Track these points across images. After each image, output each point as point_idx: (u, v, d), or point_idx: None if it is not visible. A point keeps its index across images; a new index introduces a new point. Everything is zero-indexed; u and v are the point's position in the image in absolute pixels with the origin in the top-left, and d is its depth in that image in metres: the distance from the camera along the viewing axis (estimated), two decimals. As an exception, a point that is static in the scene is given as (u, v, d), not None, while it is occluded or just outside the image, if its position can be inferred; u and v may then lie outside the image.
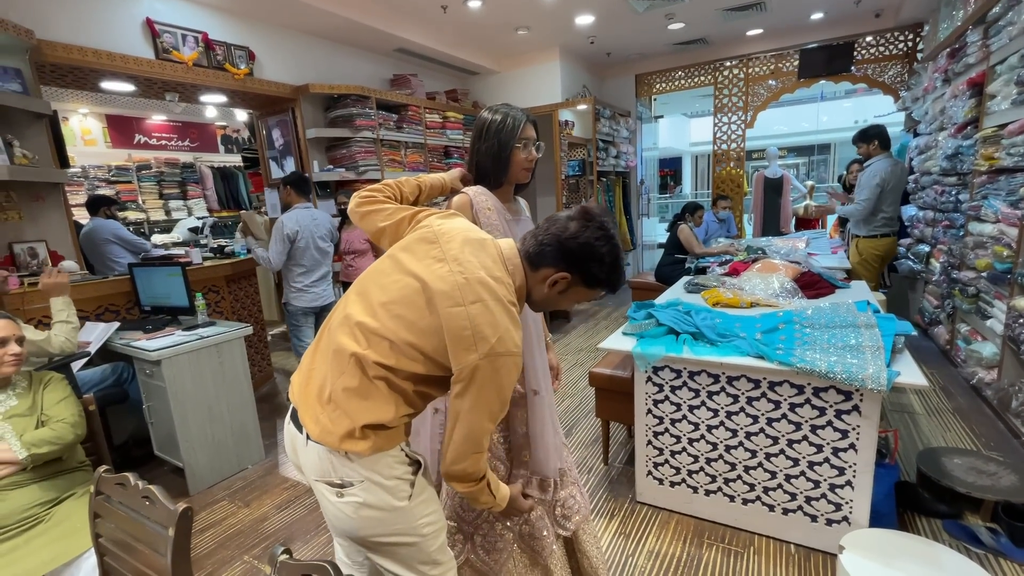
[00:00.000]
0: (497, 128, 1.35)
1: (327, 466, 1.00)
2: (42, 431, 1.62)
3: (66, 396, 1.75)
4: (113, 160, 6.32)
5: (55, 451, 1.61)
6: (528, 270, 1.04)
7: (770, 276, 2.75)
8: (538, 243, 1.02)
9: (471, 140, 1.42)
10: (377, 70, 5.10)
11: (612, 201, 6.59)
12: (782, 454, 1.83)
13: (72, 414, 1.70)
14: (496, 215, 1.35)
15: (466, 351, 0.93)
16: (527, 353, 1.37)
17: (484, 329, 0.93)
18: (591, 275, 1.02)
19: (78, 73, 3.13)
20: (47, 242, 2.81)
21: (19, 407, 1.64)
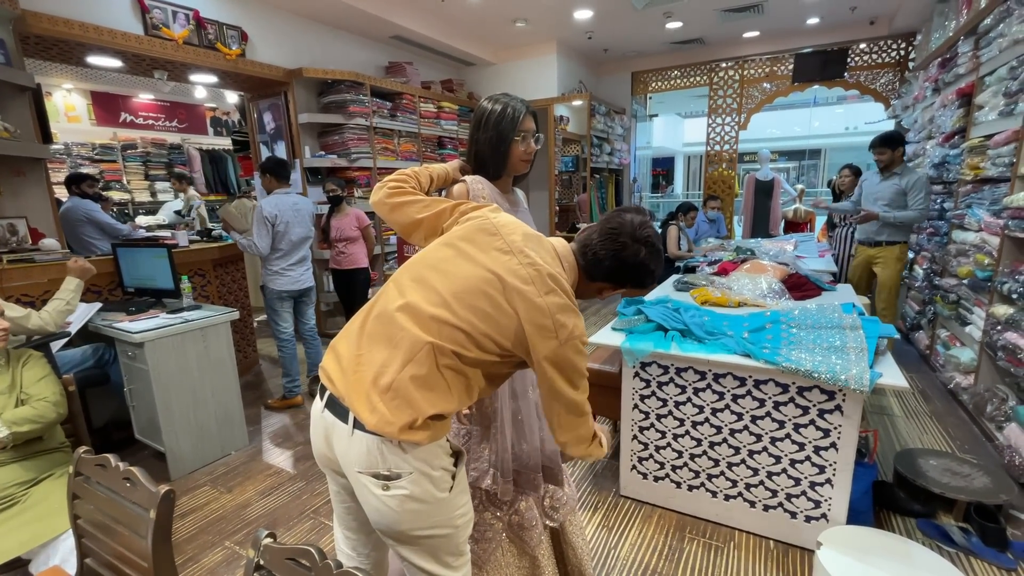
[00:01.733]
0: (497, 119, 1.33)
1: (375, 457, 0.97)
2: (23, 409, 1.58)
3: (46, 374, 1.72)
4: (97, 138, 6.18)
5: (36, 430, 1.58)
6: (582, 275, 1.12)
7: (758, 277, 2.78)
8: (596, 257, 1.09)
9: (470, 129, 1.41)
10: (372, 57, 5.03)
11: (604, 198, 6.61)
12: (765, 451, 1.86)
13: (54, 393, 1.67)
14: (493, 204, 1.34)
15: (548, 339, 0.99)
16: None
17: (562, 317, 0.99)
18: (636, 284, 1.13)
19: (64, 46, 3.05)
20: (28, 219, 2.74)
21: None
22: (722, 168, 6.48)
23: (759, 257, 3.43)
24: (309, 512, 2.22)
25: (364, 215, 3.71)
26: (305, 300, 3.36)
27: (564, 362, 1.01)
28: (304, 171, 4.26)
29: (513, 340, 1.00)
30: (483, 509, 1.40)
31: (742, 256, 3.52)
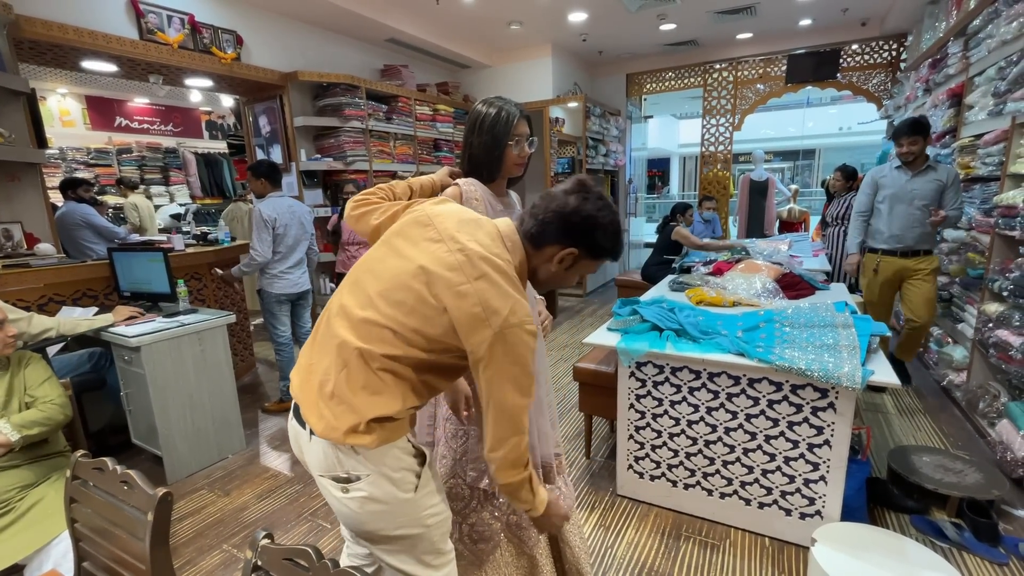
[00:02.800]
0: (491, 123, 1.34)
1: (332, 461, 0.98)
2: (31, 412, 1.58)
3: (49, 376, 1.72)
4: (92, 143, 6.17)
5: (44, 432, 1.59)
6: (530, 250, 1.02)
7: (753, 276, 2.80)
8: (539, 222, 1.00)
9: (464, 133, 1.42)
10: (368, 60, 5.05)
11: (600, 199, 6.62)
12: (759, 449, 1.88)
13: (60, 395, 1.68)
14: (483, 206, 1.35)
15: (480, 328, 0.91)
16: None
17: (494, 302, 0.91)
18: (597, 246, 1.01)
19: (58, 51, 3.05)
20: (23, 224, 2.74)
21: (0, 389, 1.60)
22: (717, 169, 6.51)
23: (753, 257, 3.45)
24: (307, 514, 2.22)
25: None
26: (302, 303, 3.36)
27: (501, 355, 0.91)
28: (300, 174, 4.26)
29: (443, 334, 0.94)
30: (481, 509, 1.41)
31: (737, 256, 3.55)
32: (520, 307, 0.93)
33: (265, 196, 3.12)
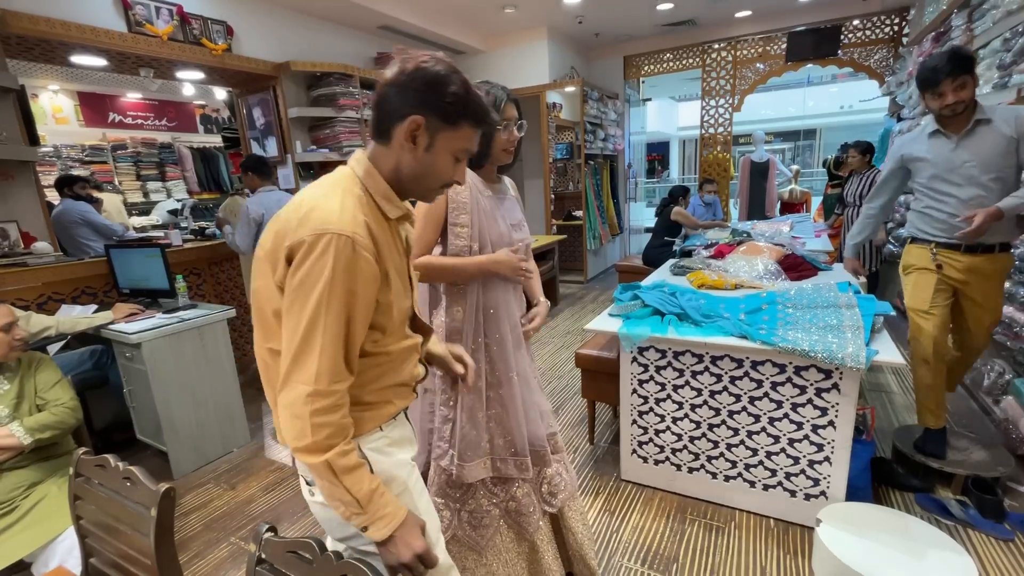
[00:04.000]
0: None
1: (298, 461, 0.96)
2: (43, 416, 1.58)
3: (59, 379, 1.72)
4: (87, 139, 6.11)
5: (56, 436, 1.60)
6: (382, 150, 0.88)
7: (754, 258, 2.77)
8: (374, 111, 0.87)
9: None
10: (361, 48, 4.97)
11: (600, 185, 6.58)
12: (764, 432, 1.87)
13: (70, 397, 1.68)
14: (468, 193, 1.33)
15: (288, 241, 0.80)
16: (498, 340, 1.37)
17: (304, 208, 0.81)
18: (446, 106, 0.84)
19: (46, 46, 3.00)
20: (18, 223, 2.72)
21: (10, 392, 1.60)
22: (717, 151, 6.44)
23: (755, 239, 3.42)
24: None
25: None
26: None
27: (309, 261, 0.78)
28: (296, 166, 4.22)
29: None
30: (480, 496, 1.41)
31: (738, 238, 3.52)
32: (336, 208, 0.81)
33: (256, 190, 3.14)
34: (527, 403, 1.44)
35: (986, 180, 1.87)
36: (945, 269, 2.02)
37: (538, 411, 1.47)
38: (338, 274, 0.80)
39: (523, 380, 1.43)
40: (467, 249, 1.34)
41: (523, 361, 1.44)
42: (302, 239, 0.79)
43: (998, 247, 1.95)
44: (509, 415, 1.40)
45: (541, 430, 1.48)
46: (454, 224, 1.34)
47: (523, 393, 1.42)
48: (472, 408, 1.36)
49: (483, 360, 1.38)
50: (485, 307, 1.38)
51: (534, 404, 1.46)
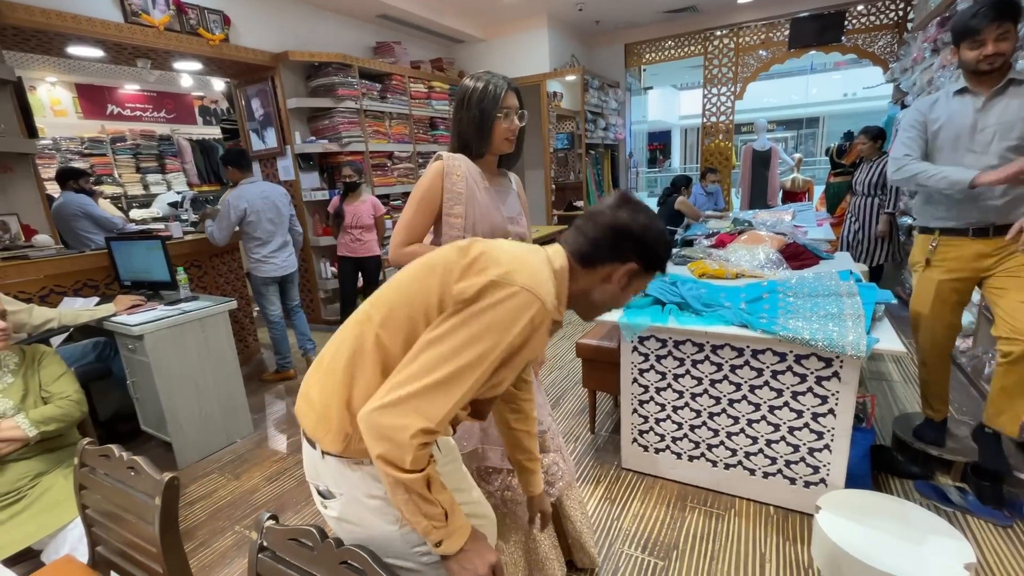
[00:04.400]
0: (479, 97, 1.33)
1: (313, 467, 0.95)
2: (48, 408, 1.59)
3: (64, 371, 1.72)
4: (86, 132, 6.09)
5: (61, 428, 1.61)
6: (580, 271, 0.94)
7: (756, 248, 2.76)
8: (590, 240, 0.92)
9: (453, 109, 1.40)
10: (360, 37, 4.93)
11: (600, 175, 6.55)
12: (764, 420, 1.88)
13: (75, 390, 1.68)
14: (464, 183, 1.32)
15: (470, 276, 0.81)
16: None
17: (499, 256, 0.84)
18: (655, 258, 0.94)
19: (42, 37, 2.98)
20: (19, 215, 2.72)
21: (16, 385, 1.61)
22: (719, 140, 6.40)
23: (756, 228, 3.41)
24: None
25: (380, 203, 3.74)
26: (289, 282, 3.49)
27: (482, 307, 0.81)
28: (296, 157, 4.21)
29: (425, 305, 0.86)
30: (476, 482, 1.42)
31: (740, 228, 3.51)
32: (536, 273, 0.84)
33: (238, 183, 3.19)
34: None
35: (1002, 149, 1.70)
36: (940, 263, 1.89)
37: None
38: (519, 338, 0.81)
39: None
40: (460, 239, 1.34)
41: None
42: (510, 283, 0.81)
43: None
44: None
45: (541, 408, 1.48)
46: (448, 214, 1.34)
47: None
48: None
49: None
50: None
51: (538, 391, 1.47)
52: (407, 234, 1.35)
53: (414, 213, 1.35)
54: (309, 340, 3.68)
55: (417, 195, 1.34)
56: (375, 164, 4.61)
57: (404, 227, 1.36)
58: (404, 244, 1.35)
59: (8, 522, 1.45)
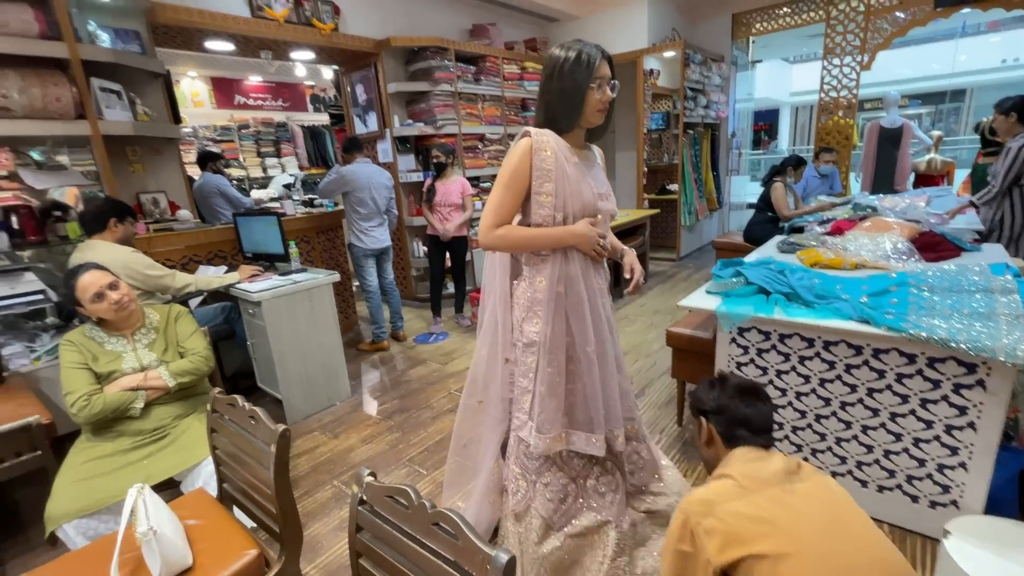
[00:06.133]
0: (571, 67, 1.27)
1: None
2: (183, 362, 1.83)
3: (196, 329, 1.96)
4: (218, 120, 6.83)
5: (193, 380, 1.84)
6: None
7: (881, 236, 2.45)
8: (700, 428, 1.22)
9: (541, 82, 1.35)
10: (456, 20, 5.01)
11: (699, 156, 6.17)
12: (882, 428, 1.68)
13: (205, 347, 1.91)
14: (554, 158, 1.28)
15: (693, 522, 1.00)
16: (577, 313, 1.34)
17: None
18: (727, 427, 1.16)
19: (186, 34, 3.36)
20: (166, 193, 3.12)
21: (158, 340, 1.86)
22: (838, 117, 5.74)
23: (881, 214, 3.02)
24: (405, 460, 2.38)
25: (468, 185, 3.84)
26: (384, 257, 3.76)
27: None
28: (394, 140, 4.40)
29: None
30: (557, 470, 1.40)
31: (860, 213, 3.13)
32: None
33: (352, 163, 3.55)
34: (606, 381, 1.40)
35: None
36: None
37: (618, 391, 1.43)
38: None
39: (603, 357, 1.39)
40: (550, 219, 1.31)
41: (604, 337, 1.40)
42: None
43: None
44: (587, 391, 1.37)
45: (618, 411, 1.43)
46: (538, 192, 1.31)
47: (602, 370, 1.39)
48: (552, 380, 1.35)
49: (563, 333, 1.35)
50: (566, 278, 1.35)
51: (613, 383, 1.42)
52: (496, 216, 1.33)
53: (503, 194, 1.32)
54: (400, 318, 3.93)
55: (505, 175, 1.31)
56: (467, 147, 4.70)
57: (493, 209, 1.34)
58: (494, 227, 1.33)
59: (156, 455, 1.69)
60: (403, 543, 0.91)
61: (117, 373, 1.72)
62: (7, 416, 1.79)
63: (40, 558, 1.86)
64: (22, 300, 2.42)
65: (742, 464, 1.07)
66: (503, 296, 1.46)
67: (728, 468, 1.08)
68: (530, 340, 1.35)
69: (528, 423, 1.37)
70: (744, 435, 1.12)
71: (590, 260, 1.37)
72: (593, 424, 1.37)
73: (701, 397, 1.22)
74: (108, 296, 1.70)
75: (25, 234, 2.47)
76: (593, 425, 1.37)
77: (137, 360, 1.77)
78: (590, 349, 1.34)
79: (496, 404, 1.53)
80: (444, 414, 2.78)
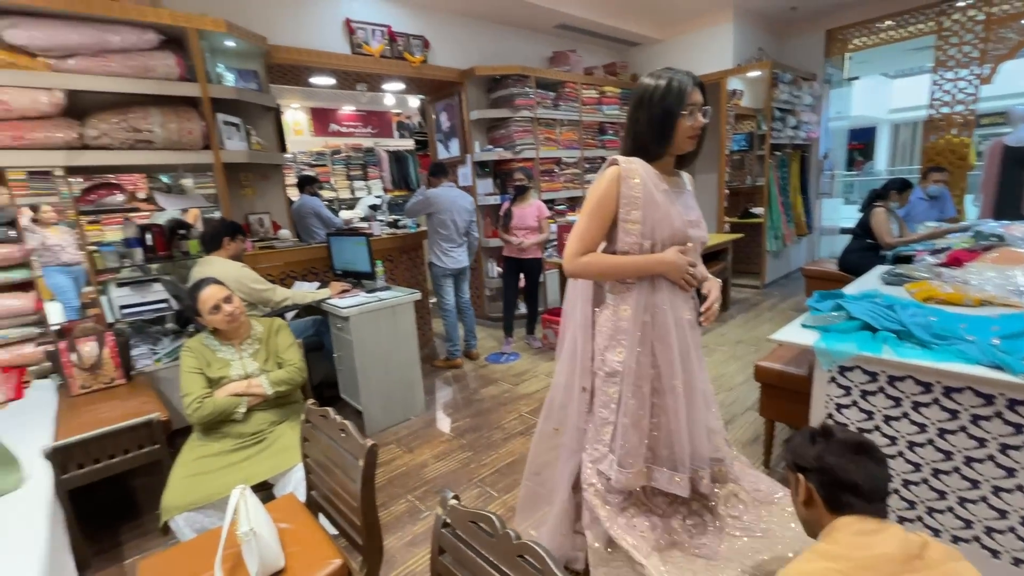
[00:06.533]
0: (662, 94, 1.26)
1: None
2: (281, 372, 1.98)
3: (293, 342, 2.11)
4: (314, 147, 7.45)
5: (288, 390, 1.98)
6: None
7: (1012, 269, 2.17)
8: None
9: (629, 111, 1.35)
10: (537, 48, 5.15)
11: (787, 178, 5.84)
12: (1019, 490, 1.46)
13: (300, 359, 2.06)
14: (642, 185, 1.26)
15: None
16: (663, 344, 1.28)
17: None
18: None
19: (295, 71, 3.72)
20: (270, 213, 3.42)
21: (260, 351, 2.02)
22: (951, 135, 5.21)
23: (1010, 244, 2.68)
24: (476, 480, 2.39)
25: (544, 208, 3.90)
26: (462, 277, 3.87)
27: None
28: (474, 165, 4.56)
29: None
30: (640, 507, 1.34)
31: (984, 243, 2.80)
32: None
33: (438, 186, 3.73)
34: (692, 417, 1.33)
35: None
36: None
37: (705, 429, 1.35)
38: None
39: (690, 391, 1.33)
40: (637, 247, 1.29)
41: (692, 370, 1.34)
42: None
43: None
44: (672, 427, 1.31)
45: (704, 450, 1.35)
46: (625, 220, 1.29)
47: (690, 405, 1.32)
48: (636, 413, 1.31)
49: (648, 364, 1.31)
50: (652, 307, 1.31)
51: (700, 420, 1.34)
52: (581, 243, 1.32)
53: (588, 221, 1.31)
54: (474, 337, 4.03)
55: (591, 203, 1.31)
56: (543, 170, 4.76)
57: (578, 236, 1.33)
58: (579, 254, 1.32)
59: (254, 457, 1.82)
60: (486, 571, 0.91)
61: (226, 379, 1.89)
62: (133, 412, 2.02)
63: (151, 543, 2.05)
64: (150, 308, 2.74)
65: (849, 537, 0.93)
66: (584, 323, 1.44)
67: (832, 540, 0.95)
68: (612, 370, 1.32)
69: (608, 455, 1.33)
70: (852, 502, 0.98)
71: (678, 289, 1.32)
72: (676, 462, 1.31)
73: (799, 451, 1.07)
74: (223, 308, 1.89)
75: (156, 249, 2.81)
76: (676, 463, 1.31)
77: (243, 368, 1.93)
78: (677, 382, 1.29)
79: (572, 434, 1.50)
80: (515, 436, 2.77)
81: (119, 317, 2.72)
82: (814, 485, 1.03)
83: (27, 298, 2.31)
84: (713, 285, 1.40)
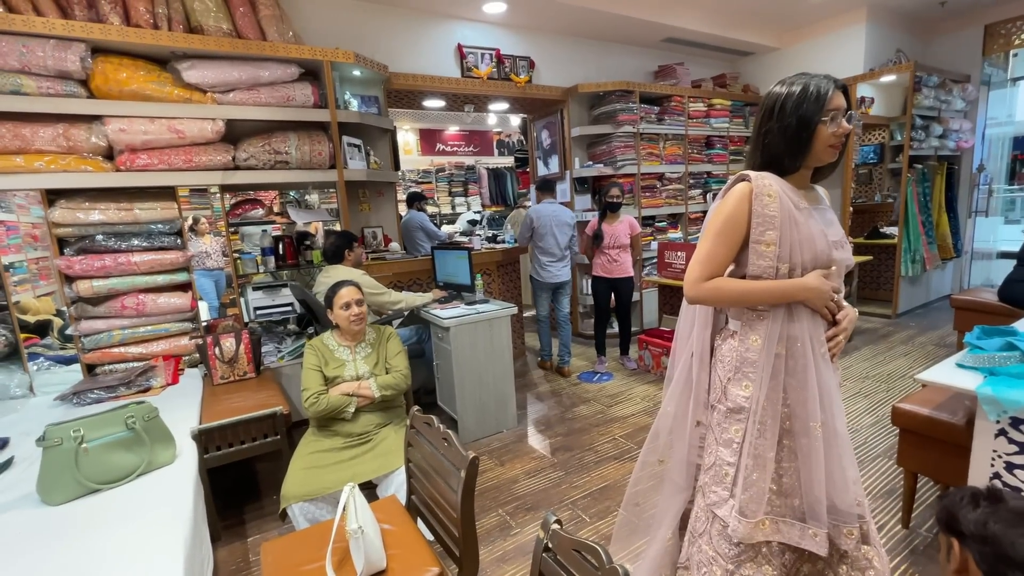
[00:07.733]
0: (796, 102, 1.14)
1: None
2: (388, 378, 2.10)
3: (401, 350, 2.23)
4: (420, 165, 7.94)
5: (394, 395, 2.10)
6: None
7: None
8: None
9: (757, 123, 1.23)
10: (642, 63, 5.06)
11: (928, 194, 5.13)
12: None
13: (406, 366, 2.17)
14: (778, 203, 1.13)
15: None
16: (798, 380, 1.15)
17: None
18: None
19: (410, 95, 3.99)
20: (383, 227, 3.67)
21: (372, 355, 2.16)
22: None
23: None
24: (568, 502, 2.34)
25: (636, 223, 3.81)
26: (561, 291, 3.92)
27: None
28: (573, 181, 4.56)
29: None
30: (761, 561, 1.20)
31: None
32: None
33: (540, 202, 3.84)
34: (831, 463, 1.17)
35: None
36: None
37: (846, 478, 1.19)
38: None
39: (829, 433, 1.17)
40: (771, 270, 1.16)
41: (831, 410, 1.18)
42: None
43: None
44: (808, 474, 1.16)
45: (850, 502, 1.18)
46: (757, 242, 1.17)
47: (829, 451, 1.16)
48: (762, 455, 1.17)
49: (780, 402, 1.18)
50: (787, 338, 1.18)
51: (840, 467, 1.18)
52: (706, 267, 1.21)
53: (713, 243, 1.21)
54: (568, 352, 3.98)
55: (717, 223, 1.20)
56: (644, 186, 4.63)
57: (702, 260, 1.22)
58: (704, 278, 1.21)
59: (361, 456, 1.93)
60: (590, 605, 0.86)
61: (340, 379, 2.04)
62: (262, 403, 2.25)
63: (269, 524, 2.25)
64: (279, 310, 3.05)
65: None
66: (701, 352, 1.34)
67: None
68: (737, 405, 1.20)
69: (729, 500, 1.21)
70: None
71: (819, 318, 1.18)
72: (816, 514, 1.16)
73: (957, 513, 0.90)
74: (353, 308, 2.07)
75: (285, 258, 3.14)
76: (816, 516, 1.16)
77: (355, 369, 2.07)
78: (815, 423, 1.15)
79: (680, 470, 1.40)
80: (608, 460, 2.68)
81: (253, 317, 3.07)
82: (973, 555, 0.87)
83: (185, 297, 2.69)
84: (849, 313, 1.24)
